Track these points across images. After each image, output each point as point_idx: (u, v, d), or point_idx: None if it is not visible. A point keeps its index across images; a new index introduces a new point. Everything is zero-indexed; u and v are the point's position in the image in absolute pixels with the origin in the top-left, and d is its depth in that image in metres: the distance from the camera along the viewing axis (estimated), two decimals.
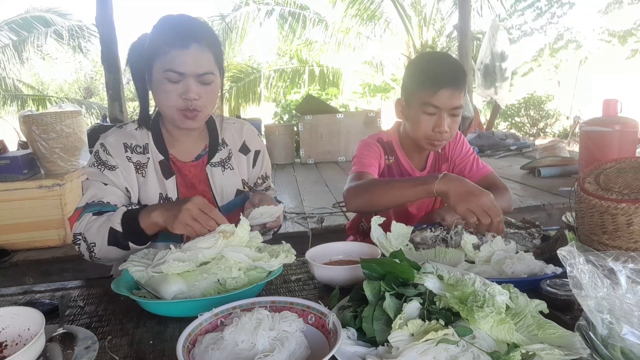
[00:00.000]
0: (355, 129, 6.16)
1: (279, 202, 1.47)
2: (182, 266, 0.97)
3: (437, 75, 1.43)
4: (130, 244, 1.15)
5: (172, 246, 1.03)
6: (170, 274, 0.97)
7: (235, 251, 1.02)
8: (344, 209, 3.38)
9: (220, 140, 1.41)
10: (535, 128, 12.38)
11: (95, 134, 4.56)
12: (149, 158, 1.32)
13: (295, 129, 6.62)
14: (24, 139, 3.56)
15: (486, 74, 7.18)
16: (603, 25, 13.85)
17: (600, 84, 12.06)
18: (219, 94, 1.32)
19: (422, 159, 1.68)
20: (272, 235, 1.45)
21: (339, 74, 11.29)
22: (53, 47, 12.24)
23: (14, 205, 2.76)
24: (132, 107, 15.10)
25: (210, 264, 1.02)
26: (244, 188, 1.44)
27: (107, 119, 6.12)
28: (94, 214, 1.21)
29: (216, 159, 1.39)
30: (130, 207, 1.21)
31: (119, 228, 1.14)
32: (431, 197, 1.54)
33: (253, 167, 1.48)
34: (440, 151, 1.70)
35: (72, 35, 11.34)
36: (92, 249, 1.19)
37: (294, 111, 7.84)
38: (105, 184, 1.26)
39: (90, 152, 3.21)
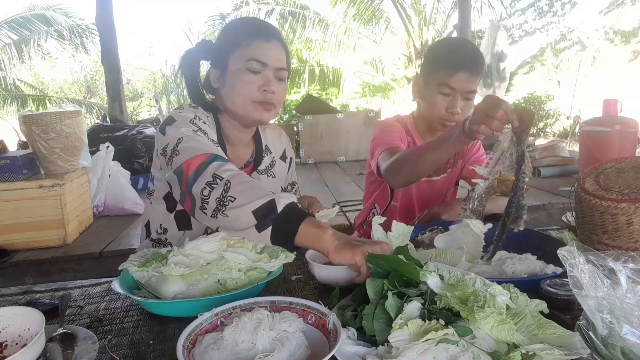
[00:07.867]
0: (355, 129, 6.17)
1: None
2: (182, 271, 0.97)
3: (456, 58, 1.50)
4: (269, 229, 0.96)
5: (174, 247, 1.03)
6: (170, 275, 0.97)
7: (235, 252, 1.02)
8: (344, 209, 3.38)
9: (264, 147, 1.41)
10: (535, 128, 12.37)
11: (95, 134, 4.57)
12: None
13: (295, 128, 6.61)
14: (24, 139, 3.56)
15: (484, 74, 7.18)
16: (606, 24, 13.81)
17: (601, 83, 12.05)
18: None
19: None
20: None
21: (339, 73, 11.28)
22: (53, 47, 12.22)
23: (14, 205, 2.75)
24: (131, 107, 15.06)
25: (210, 265, 1.02)
26: None
27: (107, 119, 6.13)
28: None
29: (262, 166, 1.38)
30: (297, 202, 1.03)
31: (279, 207, 0.95)
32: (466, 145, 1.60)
33: (287, 173, 1.48)
34: None
35: (73, 34, 11.31)
36: (226, 201, 0.98)
37: (294, 111, 7.83)
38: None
39: (91, 153, 3.22)
